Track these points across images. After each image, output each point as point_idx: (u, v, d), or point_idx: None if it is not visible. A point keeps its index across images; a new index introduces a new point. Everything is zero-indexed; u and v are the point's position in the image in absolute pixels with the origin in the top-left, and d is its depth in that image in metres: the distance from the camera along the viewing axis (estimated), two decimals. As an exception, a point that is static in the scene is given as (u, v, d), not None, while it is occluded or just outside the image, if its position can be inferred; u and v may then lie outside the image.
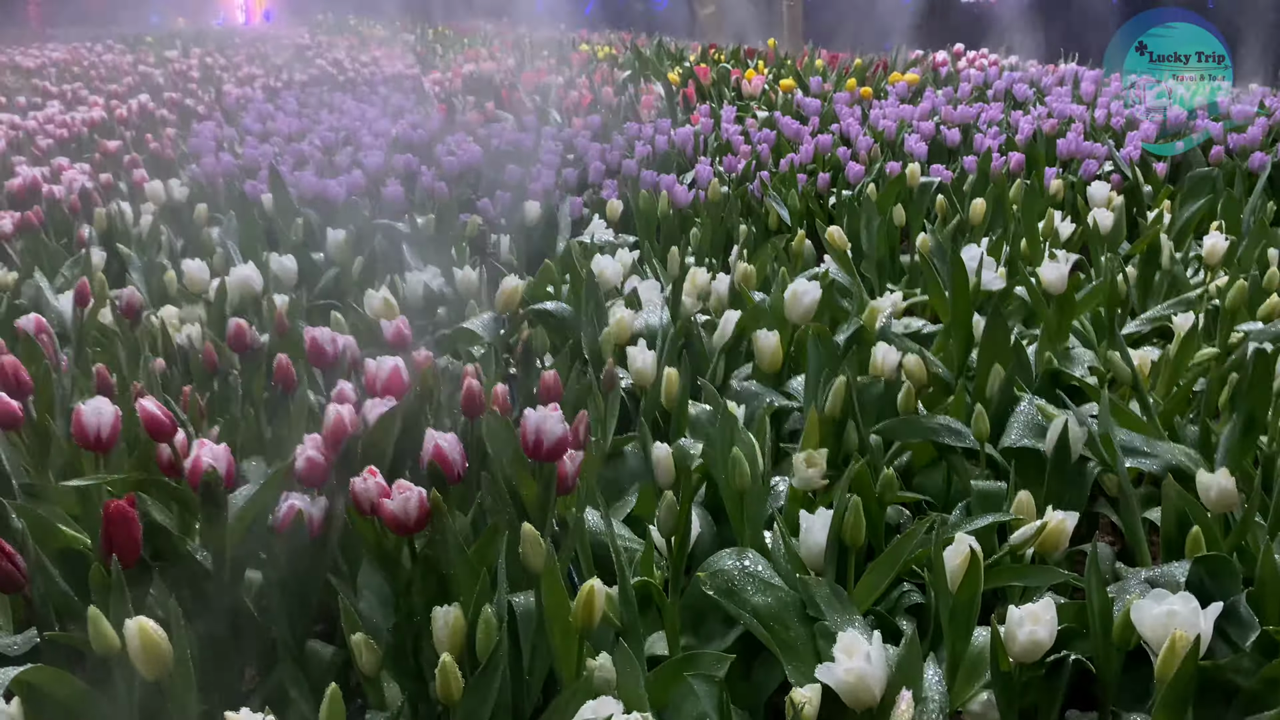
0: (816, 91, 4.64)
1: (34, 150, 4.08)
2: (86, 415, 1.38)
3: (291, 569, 1.36)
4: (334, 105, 5.15)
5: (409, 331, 1.95)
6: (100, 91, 5.65)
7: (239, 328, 1.85)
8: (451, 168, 3.46)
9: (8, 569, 1.24)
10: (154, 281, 2.58)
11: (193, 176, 3.62)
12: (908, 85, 4.78)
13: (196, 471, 1.30)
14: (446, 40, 8.83)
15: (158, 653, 1.14)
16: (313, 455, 1.36)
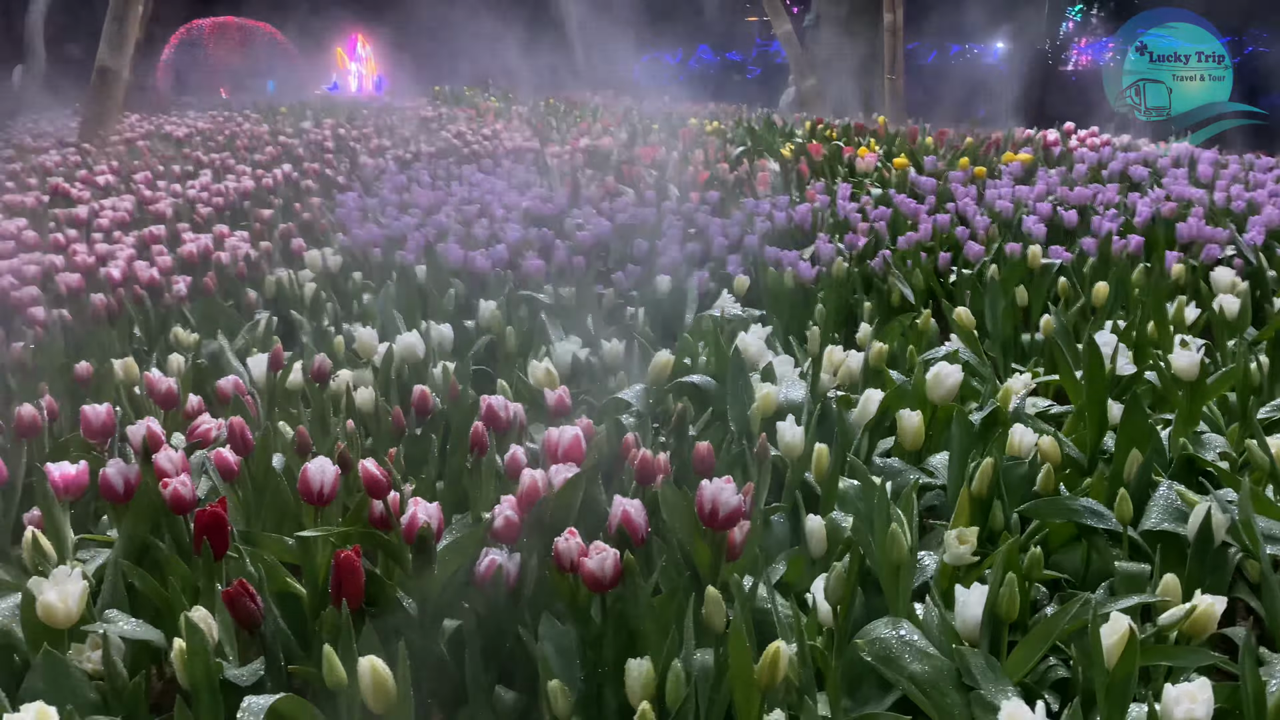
0: (931, 170, 4.75)
1: (195, 218, 4.43)
2: (311, 472, 1.55)
3: (487, 619, 1.50)
4: (462, 177, 5.45)
5: (569, 400, 2.11)
6: (245, 160, 6.07)
7: (423, 394, 2.03)
8: (584, 241, 3.66)
9: (249, 608, 1.41)
10: (323, 346, 2.80)
11: (342, 245, 3.89)
12: (1021, 165, 4.85)
13: (413, 527, 1.46)
14: (558, 112, 9.20)
15: (385, 689, 1.29)
16: (509, 515, 1.51)
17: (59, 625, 1.44)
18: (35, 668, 1.36)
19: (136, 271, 3.28)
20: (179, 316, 3.08)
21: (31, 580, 1.45)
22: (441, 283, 3.23)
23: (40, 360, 2.61)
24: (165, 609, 1.50)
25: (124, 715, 1.37)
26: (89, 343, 2.81)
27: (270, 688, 1.46)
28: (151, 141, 7.08)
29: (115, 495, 1.65)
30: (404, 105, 10.35)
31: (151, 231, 3.91)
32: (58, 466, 1.77)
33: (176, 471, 1.60)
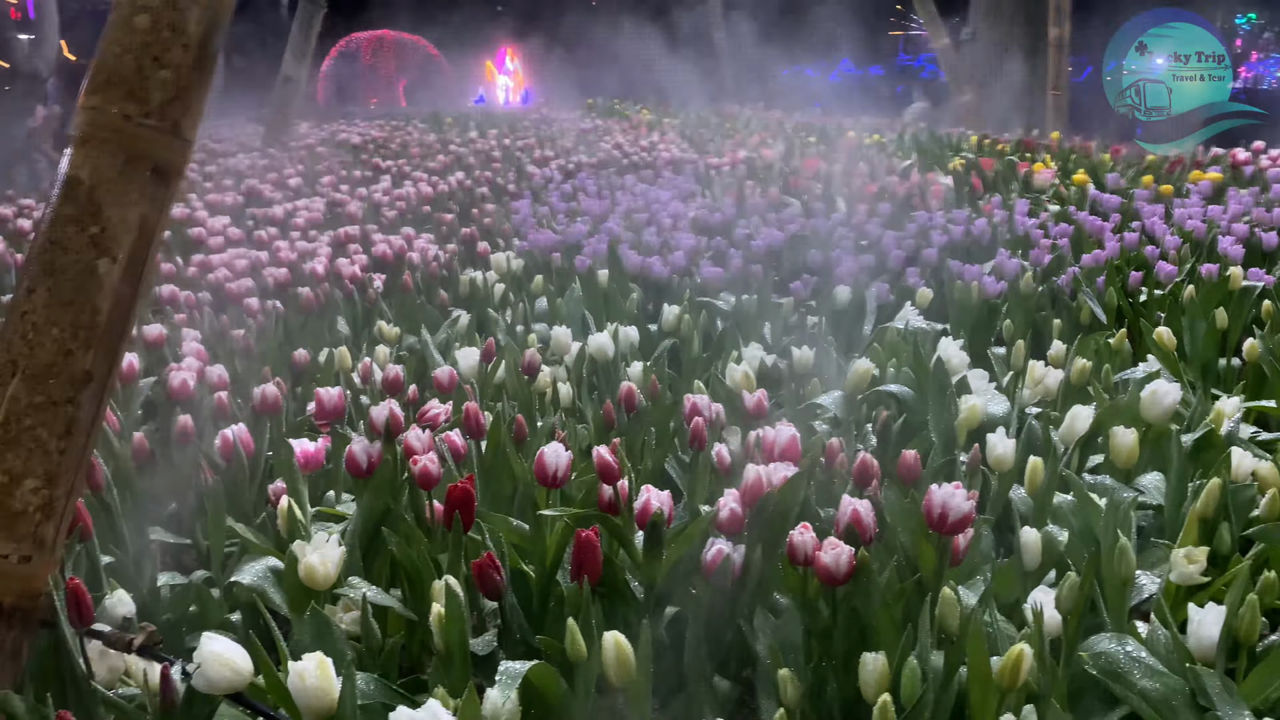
0: (1114, 187, 4.61)
1: (382, 219, 4.67)
2: (547, 457, 1.64)
3: (711, 607, 1.55)
4: (625, 187, 5.57)
5: (767, 403, 2.15)
6: (420, 167, 6.36)
7: (629, 390, 2.10)
8: (758, 250, 3.70)
9: (494, 580, 1.50)
10: (515, 343, 2.92)
11: (520, 249, 4.04)
12: (1210, 184, 4.65)
13: (646, 512, 1.52)
14: (710, 124, 9.28)
15: (627, 664, 1.35)
16: (734, 508, 1.56)
17: (318, 587, 1.56)
18: (303, 624, 1.47)
19: (338, 268, 3.49)
20: (379, 312, 3.26)
21: (295, 544, 1.58)
22: (623, 287, 3.32)
23: (261, 347, 2.80)
24: (415, 577, 1.60)
25: (379, 673, 1.47)
26: (301, 331, 3.01)
27: (503, 658, 1.55)
28: (329, 148, 7.48)
29: (359, 470, 1.77)
30: (561, 117, 10.62)
31: (346, 232, 4.14)
32: (300, 443, 1.91)
33: (424, 450, 1.71)
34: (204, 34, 1.59)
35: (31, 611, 1.47)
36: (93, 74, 1.56)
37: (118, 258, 1.52)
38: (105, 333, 1.51)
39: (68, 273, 1.49)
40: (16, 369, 1.46)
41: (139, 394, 2.44)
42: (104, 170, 1.51)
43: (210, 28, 1.60)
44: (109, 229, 1.51)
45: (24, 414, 1.45)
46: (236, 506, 2.00)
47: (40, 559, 1.45)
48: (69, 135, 1.55)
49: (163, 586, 1.80)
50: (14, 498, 1.43)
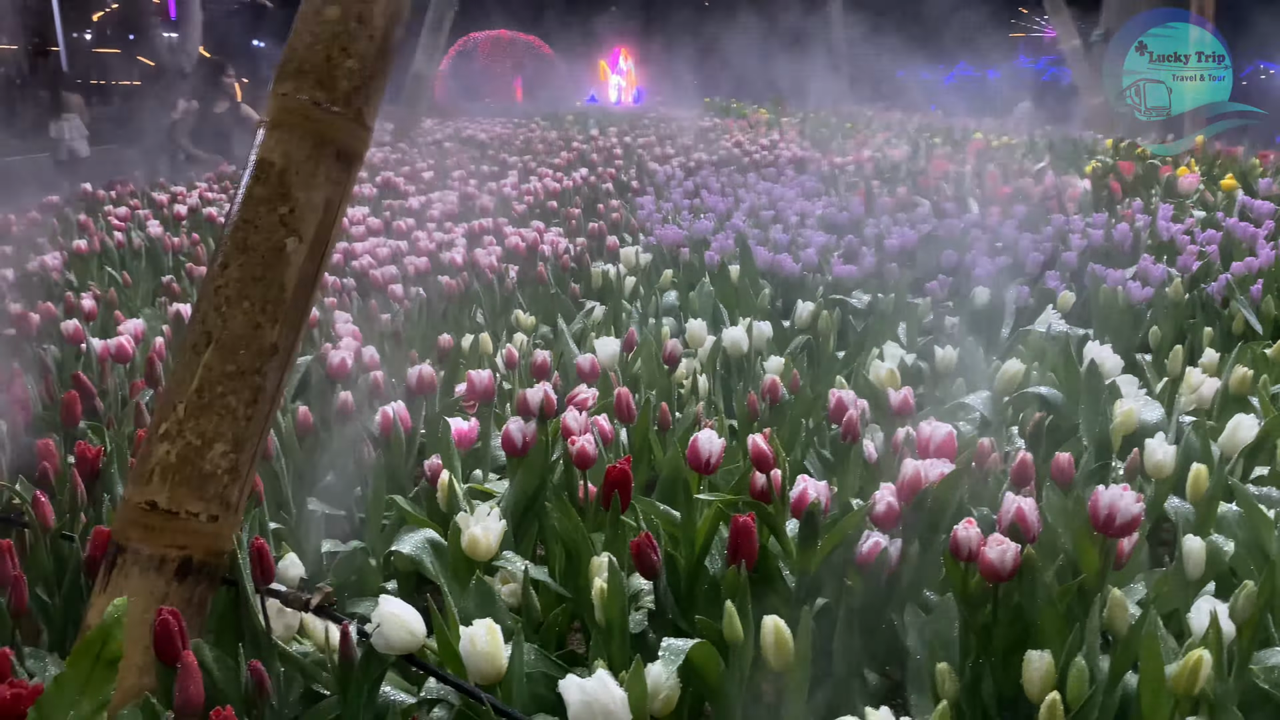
0: (1266, 193, 4.40)
1: (513, 213, 4.77)
2: (701, 442, 1.66)
3: (864, 600, 1.55)
4: (748, 185, 5.56)
5: (913, 401, 2.12)
6: (545, 163, 6.47)
7: (773, 382, 2.11)
8: (892, 249, 3.66)
9: (651, 559, 1.52)
10: (649, 335, 2.95)
11: (647, 244, 4.08)
12: (1373, 190, 4.41)
13: (802, 501, 1.53)
14: (829, 124, 9.20)
15: (786, 648, 1.37)
16: (891, 502, 1.55)
17: (480, 558, 1.62)
18: (467, 593, 1.53)
19: (476, 258, 3.59)
20: (515, 301, 3.34)
21: (459, 516, 1.64)
22: (754, 283, 3.32)
23: (407, 331, 2.91)
24: (574, 552, 1.64)
25: (539, 644, 1.52)
26: (443, 318, 3.11)
27: (652, 639, 1.58)
28: (457, 143, 7.68)
29: (514, 449, 1.83)
30: (678, 115, 10.66)
31: (480, 224, 4.25)
32: (456, 422, 1.98)
33: (581, 430, 1.75)
34: (388, 26, 1.66)
35: (217, 568, 1.56)
36: (284, 62, 1.64)
37: (304, 237, 1.60)
38: (290, 308, 1.59)
39: (258, 250, 1.57)
40: (211, 339, 1.55)
41: (297, 372, 2.56)
42: (294, 154, 1.59)
43: (393, 20, 1.67)
44: (297, 210, 1.59)
45: (216, 382, 1.54)
46: (393, 480, 2.08)
47: (226, 519, 1.54)
48: (259, 120, 1.64)
49: (326, 553, 1.88)
50: (205, 460, 1.52)
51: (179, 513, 1.50)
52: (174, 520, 1.49)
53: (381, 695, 1.45)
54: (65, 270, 3.66)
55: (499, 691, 1.34)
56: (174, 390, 1.56)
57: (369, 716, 1.41)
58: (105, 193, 5.21)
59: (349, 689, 1.37)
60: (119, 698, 1.40)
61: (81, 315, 2.88)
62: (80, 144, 10.48)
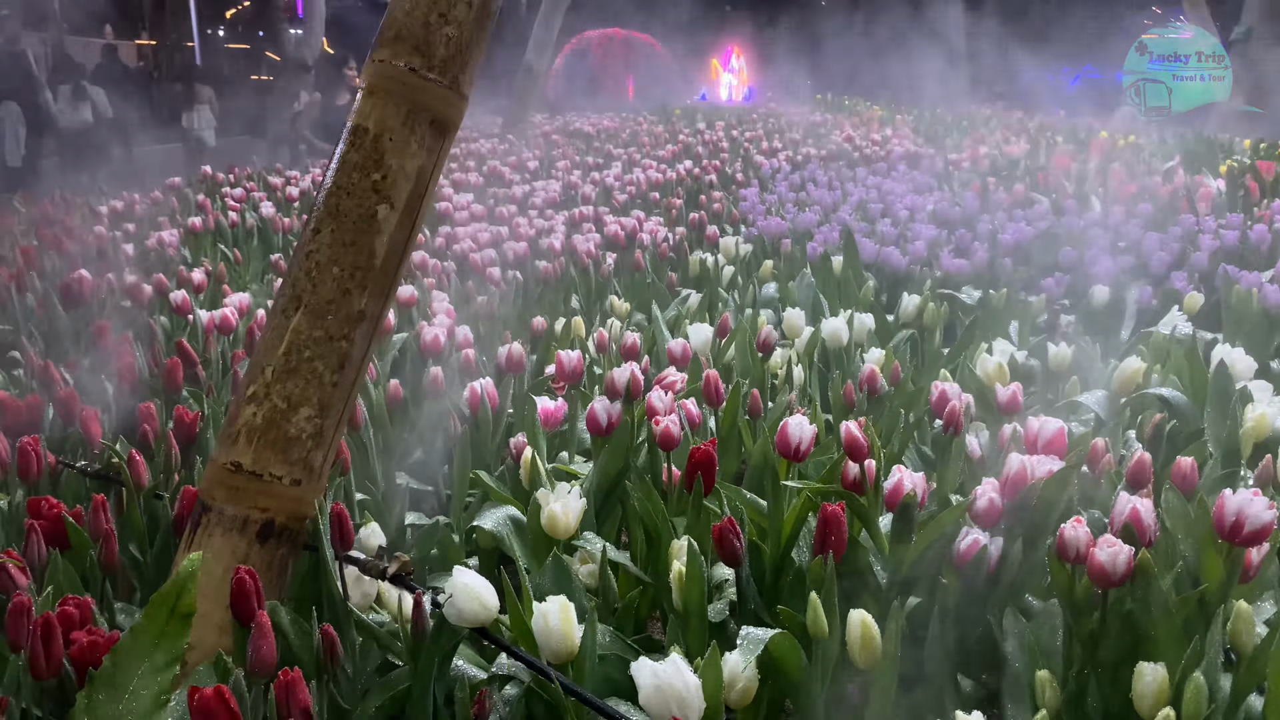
0: None
1: (614, 202, 4.75)
2: (791, 428, 1.59)
3: (960, 601, 1.46)
4: (857, 179, 5.43)
5: (1022, 398, 2.01)
6: (650, 156, 6.45)
7: (872, 372, 2.02)
8: (1005, 245, 3.50)
9: (734, 546, 1.46)
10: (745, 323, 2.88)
11: (748, 235, 4.01)
12: None
13: (897, 493, 1.44)
14: (945, 122, 8.94)
15: (873, 645, 1.29)
16: (993, 498, 1.46)
17: (559, 536, 1.58)
18: (546, 569, 1.49)
19: (573, 244, 3.57)
20: (610, 288, 3.31)
21: (539, 492, 1.60)
22: (858, 275, 3.22)
23: (502, 312, 2.90)
24: (654, 534, 1.59)
25: (615, 627, 1.47)
26: (538, 301, 3.10)
27: (733, 629, 1.51)
28: (564, 136, 7.72)
29: (598, 428, 1.79)
30: (788, 111, 10.52)
31: (580, 212, 4.24)
32: (542, 400, 1.95)
33: (666, 411, 1.70)
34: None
35: (298, 533, 1.56)
36: (382, 29, 1.63)
37: (396, 205, 1.59)
38: (380, 275, 1.58)
39: (350, 216, 1.57)
40: (301, 303, 1.55)
41: (392, 348, 2.58)
42: (388, 120, 1.58)
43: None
44: (389, 176, 1.58)
45: (304, 346, 1.54)
46: (479, 457, 2.06)
47: (310, 484, 1.54)
48: (357, 87, 1.64)
49: (409, 526, 1.88)
50: (290, 423, 1.52)
51: (263, 475, 1.50)
52: (258, 482, 1.50)
53: (454, 668, 1.43)
54: (181, 247, 3.78)
55: (570, 671, 1.30)
56: (263, 353, 1.56)
57: (439, 688, 1.38)
58: (224, 176, 5.39)
59: (420, 659, 1.35)
60: (199, 654, 1.40)
61: (191, 288, 2.96)
62: (208, 134, 10.98)
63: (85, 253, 3.57)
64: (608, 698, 1.33)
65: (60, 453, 2.02)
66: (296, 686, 1.13)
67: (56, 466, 1.89)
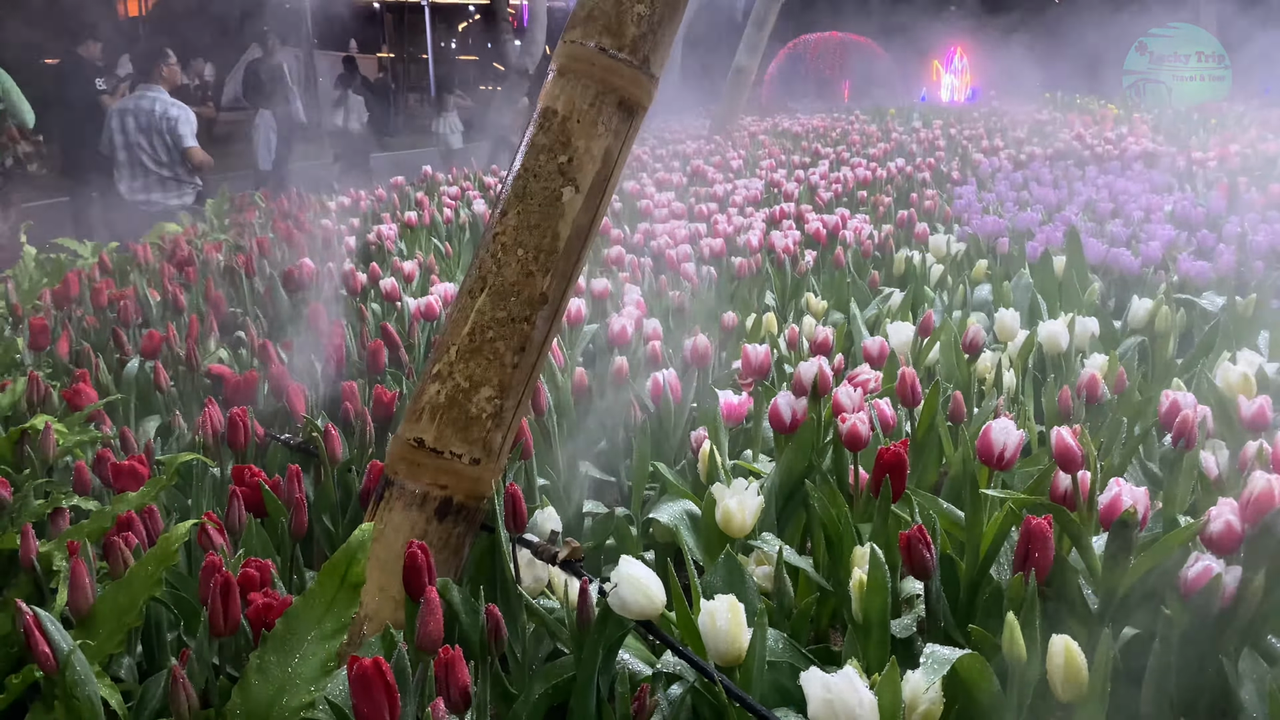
0: None
1: (817, 200, 4.62)
2: (995, 432, 1.45)
3: (1186, 636, 1.28)
4: (1086, 179, 5.04)
5: (1271, 413, 1.76)
6: (860, 154, 6.25)
7: (1093, 378, 1.84)
8: (1257, 247, 3.13)
9: (924, 556, 1.34)
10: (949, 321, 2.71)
11: (962, 234, 3.78)
12: None
13: (1114, 509, 1.28)
14: (1190, 120, 8.20)
15: (1079, 676, 1.14)
16: (1231, 520, 1.27)
17: (733, 533, 1.51)
18: (717, 566, 1.42)
19: (771, 241, 3.48)
20: (808, 285, 3.20)
21: (715, 486, 1.54)
22: (1082, 277, 2.97)
23: (694, 307, 2.85)
24: (835, 539, 1.50)
25: (789, 633, 1.38)
26: (732, 297, 3.03)
27: (920, 647, 1.39)
28: (771, 136, 7.62)
29: (781, 425, 1.70)
30: (1013, 109, 9.97)
31: (782, 209, 4.14)
32: (725, 394, 1.88)
33: (854, 409, 1.60)
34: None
35: (475, 512, 1.56)
36: (575, 9, 1.61)
37: (581, 187, 1.57)
38: (563, 258, 1.57)
39: (535, 198, 1.55)
40: (485, 285, 1.55)
41: (583, 339, 2.58)
42: (576, 101, 1.56)
43: (686, -35, 1.60)
44: (575, 158, 1.56)
45: (487, 326, 1.54)
46: (660, 449, 2.02)
47: (488, 463, 1.54)
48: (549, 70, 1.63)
49: (587, 514, 1.85)
50: (471, 403, 1.53)
51: (443, 452, 1.51)
52: (438, 459, 1.51)
53: (620, 661, 1.38)
54: (398, 240, 3.96)
55: (737, 675, 1.22)
56: (449, 332, 1.58)
57: (604, 681, 1.34)
58: (443, 175, 5.63)
59: (584, 648, 1.31)
60: (376, 626, 1.43)
61: (402, 277, 3.09)
62: (455, 138, 11.78)
63: (312, 244, 3.80)
64: (776, 707, 1.25)
65: (271, 426, 2.13)
66: (456, 665, 1.11)
67: (264, 438, 2.00)
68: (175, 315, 3.01)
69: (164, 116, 5.45)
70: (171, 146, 5.49)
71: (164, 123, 5.44)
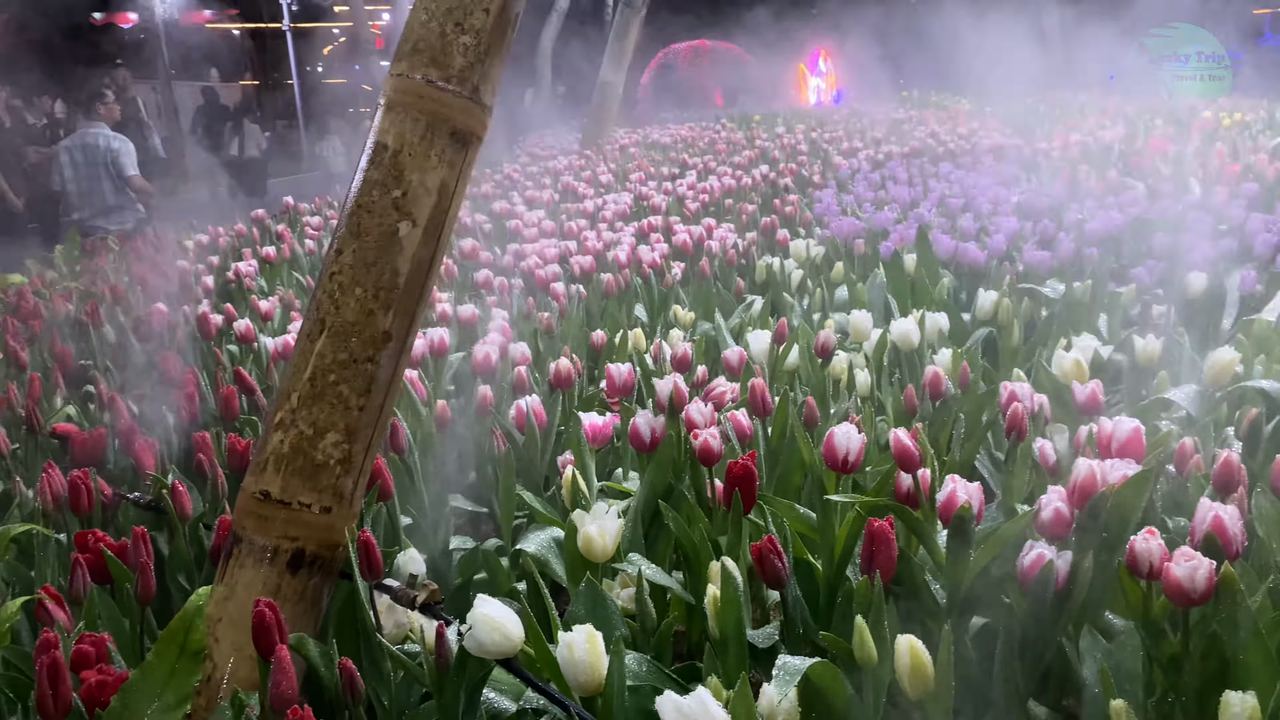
0: None
1: (685, 211, 4.68)
2: (838, 438, 1.49)
3: (1026, 620, 1.33)
4: (940, 175, 5.23)
5: (1103, 397, 1.85)
6: (726, 163, 6.35)
7: (936, 375, 1.90)
8: (1093, 234, 3.30)
9: (776, 566, 1.36)
10: (811, 328, 2.77)
11: (822, 238, 3.88)
12: None
13: (951, 505, 1.33)
14: (1038, 111, 8.60)
15: (924, 672, 1.18)
16: (1060, 507, 1.33)
17: (595, 559, 1.51)
18: (578, 596, 1.42)
19: (639, 256, 3.51)
20: (676, 297, 3.23)
21: (575, 513, 1.54)
22: (932, 273, 3.07)
23: (563, 328, 2.85)
24: (692, 556, 1.51)
25: (653, 655, 1.39)
26: (601, 314, 3.04)
27: (785, 652, 1.41)
28: (641, 148, 7.68)
29: (641, 444, 1.71)
30: (872, 110, 10.29)
31: (650, 222, 4.18)
32: (588, 416, 1.88)
33: (705, 424, 1.62)
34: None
35: (331, 562, 1.52)
36: (400, 42, 1.59)
37: (418, 221, 1.55)
38: (404, 294, 1.54)
39: (371, 235, 1.53)
40: (324, 326, 1.52)
41: (449, 368, 2.55)
42: (407, 135, 1.54)
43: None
44: (410, 193, 1.54)
45: (329, 370, 1.50)
46: (529, 477, 2.01)
47: (339, 511, 1.50)
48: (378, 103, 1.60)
49: (454, 550, 1.83)
50: (317, 450, 1.49)
51: (291, 503, 1.47)
52: (286, 510, 1.47)
53: (486, 700, 1.37)
54: (258, 277, 3.85)
55: (599, 703, 1.22)
56: (289, 379, 1.53)
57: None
58: (306, 205, 5.50)
59: (445, 691, 1.30)
60: (235, 688, 1.38)
61: (259, 317, 3.00)
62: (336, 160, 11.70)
63: (168, 287, 3.66)
64: (639, 733, 1.25)
65: (121, 485, 2.04)
66: (305, 725, 1.08)
67: (113, 499, 1.91)
68: (18, 373, 2.85)
69: (108, 150, 5.99)
70: (116, 176, 6.01)
71: (108, 155, 5.98)
